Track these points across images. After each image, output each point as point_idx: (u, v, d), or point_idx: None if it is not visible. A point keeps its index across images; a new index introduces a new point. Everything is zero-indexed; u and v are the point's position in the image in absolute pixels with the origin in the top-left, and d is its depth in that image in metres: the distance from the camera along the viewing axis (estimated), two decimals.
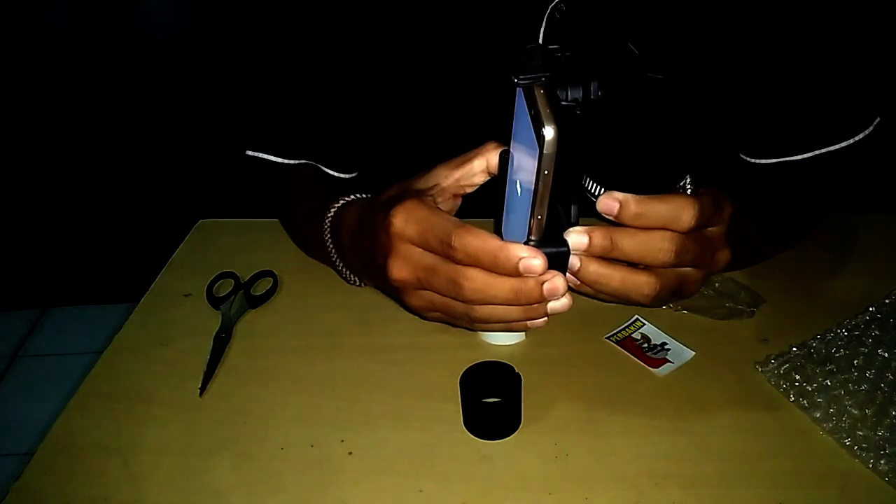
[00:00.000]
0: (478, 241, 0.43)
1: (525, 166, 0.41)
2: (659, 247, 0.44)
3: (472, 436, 0.54)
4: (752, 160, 0.70)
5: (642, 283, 0.45)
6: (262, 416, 0.57)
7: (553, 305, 0.45)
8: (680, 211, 0.44)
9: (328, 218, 0.63)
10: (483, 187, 0.53)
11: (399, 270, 0.47)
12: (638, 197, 0.44)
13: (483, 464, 0.52)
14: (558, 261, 0.44)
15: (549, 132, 0.37)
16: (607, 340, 0.62)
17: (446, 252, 0.44)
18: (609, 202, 0.44)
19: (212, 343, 0.63)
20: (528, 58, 0.41)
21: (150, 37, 1.72)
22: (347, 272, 0.66)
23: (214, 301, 0.68)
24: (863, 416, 0.53)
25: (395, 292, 0.51)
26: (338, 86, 0.71)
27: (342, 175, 0.75)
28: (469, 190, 0.53)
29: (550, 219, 0.42)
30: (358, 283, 0.67)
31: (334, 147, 0.74)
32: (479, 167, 0.52)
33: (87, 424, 0.57)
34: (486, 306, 0.46)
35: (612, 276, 0.45)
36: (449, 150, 0.54)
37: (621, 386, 0.57)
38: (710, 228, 0.48)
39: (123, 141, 1.81)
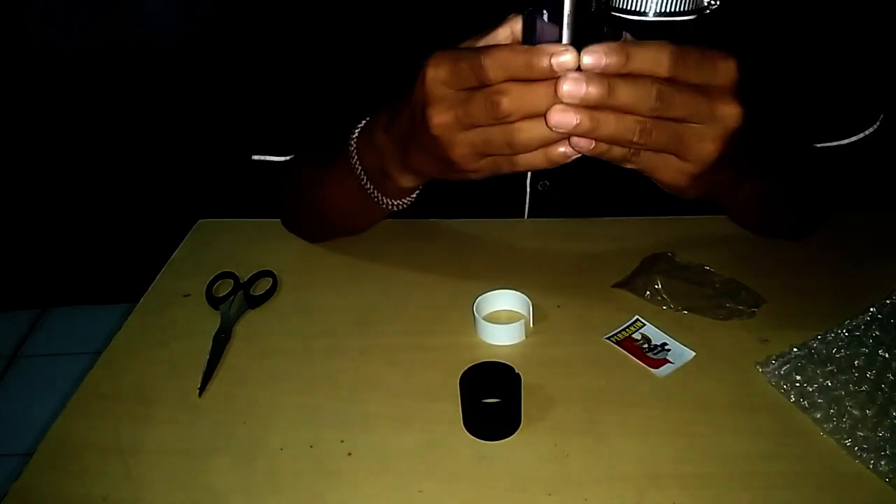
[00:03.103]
0: (507, 51, 0.44)
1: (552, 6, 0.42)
2: (643, 89, 0.43)
3: (471, 436, 0.54)
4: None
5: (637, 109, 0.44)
6: (261, 417, 0.56)
7: (567, 117, 0.44)
8: (658, 52, 0.43)
9: (353, 139, 0.62)
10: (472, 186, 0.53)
11: (439, 115, 0.47)
12: (617, 43, 0.43)
13: (483, 464, 0.52)
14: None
15: None
16: (607, 341, 0.62)
17: (480, 76, 0.45)
18: (595, 55, 0.43)
19: (211, 343, 0.63)
20: None
21: (150, 37, 1.72)
22: (380, 195, 0.64)
23: (214, 301, 0.68)
24: (863, 417, 0.52)
25: (437, 149, 0.50)
26: (338, 84, 0.71)
27: None
28: None
29: (583, 32, 0.43)
30: (396, 205, 0.65)
31: (337, 143, 0.74)
32: (503, 35, 0.51)
33: (86, 424, 0.57)
34: (527, 127, 0.45)
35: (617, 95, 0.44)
36: None
37: (621, 386, 0.57)
38: (708, 82, 0.46)
39: (123, 141, 1.81)
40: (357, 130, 0.63)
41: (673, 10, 0.43)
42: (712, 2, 0.44)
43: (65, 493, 0.51)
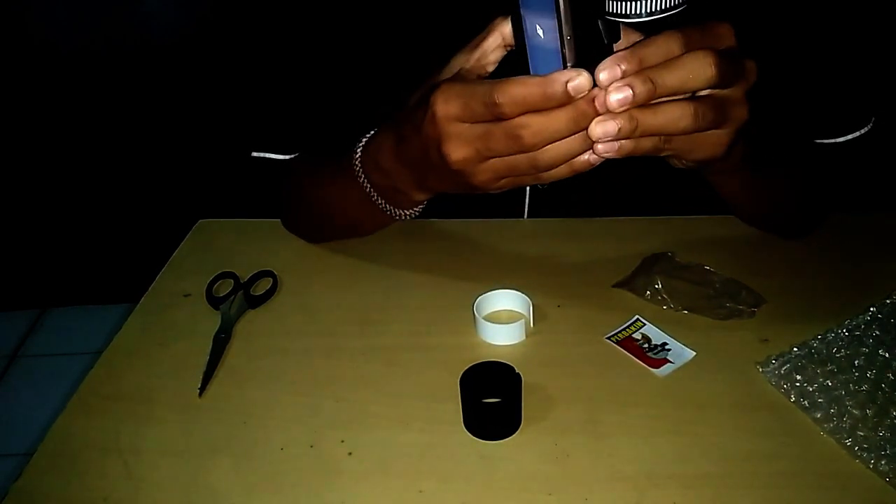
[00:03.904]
0: (520, 86, 0.44)
1: (539, 5, 0.42)
2: (699, 61, 0.43)
3: (472, 436, 0.54)
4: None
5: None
6: (261, 417, 0.56)
7: (608, 126, 0.44)
8: (667, 40, 0.43)
9: (356, 159, 0.61)
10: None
11: (456, 151, 0.47)
12: (629, 50, 0.43)
13: (483, 464, 0.52)
14: None
15: None
16: (608, 341, 0.62)
17: (494, 112, 0.44)
18: (612, 69, 0.43)
19: (211, 343, 0.63)
20: None
21: (150, 37, 1.72)
22: (392, 207, 0.64)
23: (214, 301, 0.68)
24: (864, 417, 0.52)
25: (458, 178, 0.50)
26: (339, 82, 0.71)
27: None
28: (491, 68, 0.53)
29: (582, 42, 0.42)
30: (407, 215, 0.65)
31: (338, 143, 0.74)
32: (494, 42, 0.51)
33: (86, 424, 0.57)
34: (551, 149, 0.45)
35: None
36: None
37: (622, 386, 0.57)
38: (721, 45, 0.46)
39: (123, 141, 1.81)
40: (359, 149, 0.62)
41: (662, 7, 0.43)
42: None
43: (65, 493, 0.51)
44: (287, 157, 0.75)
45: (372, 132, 0.62)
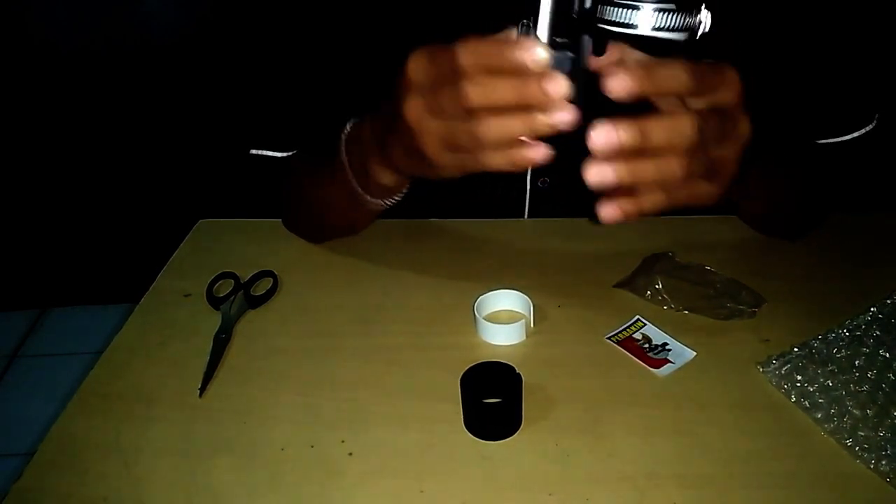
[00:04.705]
0: (482, 41, 0.44)
1: None
2: (683, 121, 0.43)
3: (472, 436, 0.54)
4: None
5: (683, 125, 0.43)
6: (262, 417, 0.56)
7: (555, 118, 0.44)
8: (672, 67, 0.43)
9: (343, 133, 0.62)
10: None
11: (411, 100, 0.48)
12: (637, 67, 0.43)
13: (484, 464, 0.52)
14: (562, 66, 0.45)
15: None
16: (608, 341, 0.62)
17: (454, 64, 0.45)
18: (621, 78, 0.42)
19: (212, 343, 0.63)
20: None
21: (150, 37, 1.72)
22: (364, 194, 0.64)
23: (214, 301, 0.68)
24: (864, 417, 0.52)
25: (409, 140, 0.50)
26: (339, 80, 0.70)
27: None
28: None
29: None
30: (378, 204, 0.65)
31: (336, 139, 0.74)
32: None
33: (87, 424, 0.57)
34: (492, 122, 0.45)
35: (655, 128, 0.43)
36: None
37: (622, 386, 0.57)
38: (719, 97, 0.46)
39: (123, 141, 1.81)
40: (349, 125, 0.63)
41: (665, 26, 0.43)
42: (703, 21, 0.44)
43: (65, 493, 0.51)
44: (285, 154, 0.75)
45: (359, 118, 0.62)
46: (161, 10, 1.71)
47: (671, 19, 0.43)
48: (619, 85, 0.42)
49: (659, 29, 0.42)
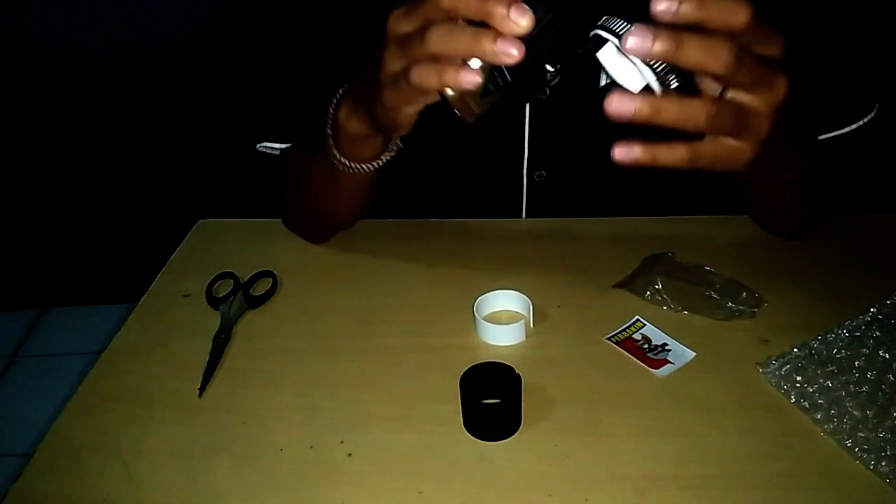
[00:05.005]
0: None
1: None
2: (721, 45, 0.40)
3: (472, 437, 0.54)
4: None
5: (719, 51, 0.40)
6: (261, 417, 0.56)
7: (502, 47, 0.42)
8: (734, 6, 0.40)
9: (333, 103, 0.62)
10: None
11: (390, 56, 0.48)
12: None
13: (483, 465, 0.52)
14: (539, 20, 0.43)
15: None
16: (608, 341, 0.62)
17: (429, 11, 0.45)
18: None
19: (211, 343, 0.63)
20: None
21: (150, 37, 1.72)
22: (344, 160, 0.63)
23: (214, 301, 0.68)
24: (864, 418, 0.52)
25: (375, 71, 0.50)
26: (338, 74, 0.71)
27: None
28: None
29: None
30: (354, 168, 0.63)
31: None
32: None
33: (86, 425, 0.57)
34: (442, 30, 0.44)
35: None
36: (447, 139, 0.53)
37: (622, 387, 0.57)
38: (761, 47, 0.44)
39: (123, 141, 1.81)
40: (337, 96, 0.62)
41: None
42: None
43: (65, 494, 0.51)
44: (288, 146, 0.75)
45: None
46: (161, 10, 1.71)
47: None
48: (664, 5, 0.39)
49: None
